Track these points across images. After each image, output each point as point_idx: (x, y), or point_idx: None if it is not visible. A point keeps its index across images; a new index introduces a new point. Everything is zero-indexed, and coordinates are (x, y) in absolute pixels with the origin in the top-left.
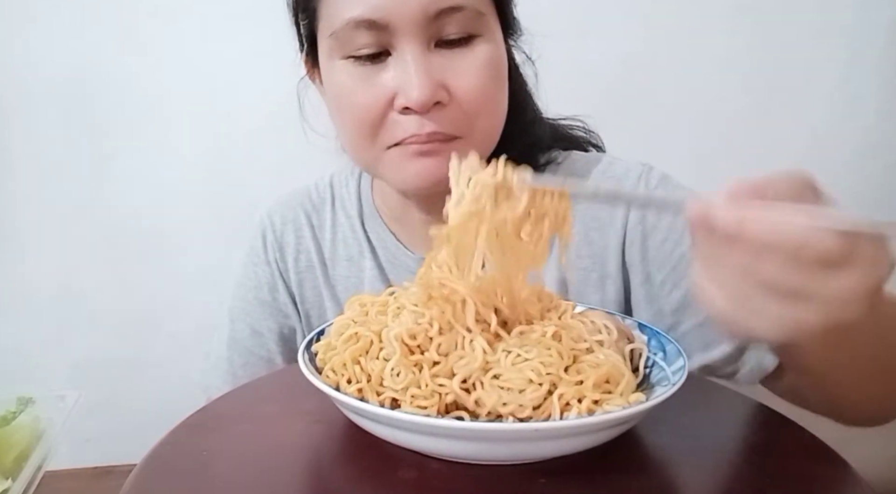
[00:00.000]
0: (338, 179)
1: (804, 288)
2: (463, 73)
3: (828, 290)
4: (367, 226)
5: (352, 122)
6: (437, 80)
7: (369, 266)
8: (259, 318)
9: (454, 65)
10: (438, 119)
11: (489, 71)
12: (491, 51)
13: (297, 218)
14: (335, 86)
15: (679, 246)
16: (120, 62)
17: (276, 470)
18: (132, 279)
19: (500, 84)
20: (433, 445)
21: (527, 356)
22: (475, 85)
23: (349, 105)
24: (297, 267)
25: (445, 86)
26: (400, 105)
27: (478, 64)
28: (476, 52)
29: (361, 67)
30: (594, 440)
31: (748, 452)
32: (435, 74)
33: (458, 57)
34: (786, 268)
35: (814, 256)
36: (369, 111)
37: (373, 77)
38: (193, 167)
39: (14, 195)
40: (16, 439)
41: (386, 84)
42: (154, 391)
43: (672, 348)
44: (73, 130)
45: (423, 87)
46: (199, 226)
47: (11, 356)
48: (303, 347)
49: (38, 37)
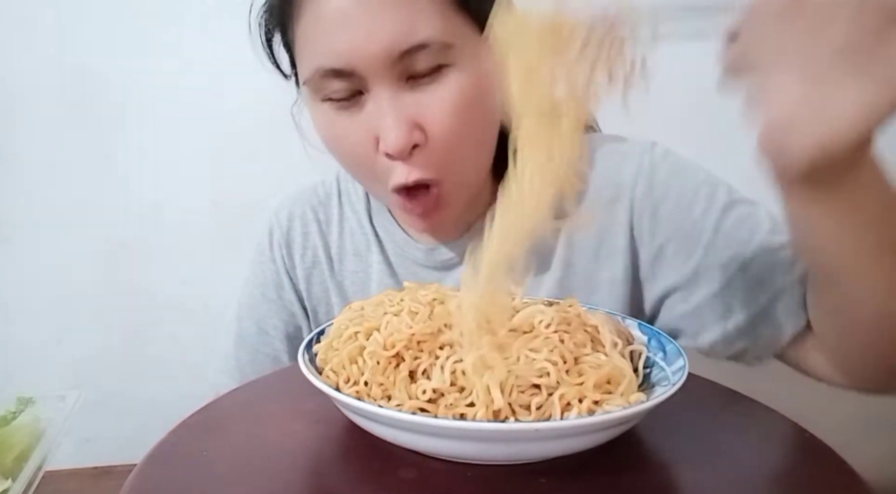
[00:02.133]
0: (344, 175)
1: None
2: (435, 110)
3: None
4: (374, 221)
5: (344, 162)
6: (412, 121)
7: (377, 260)
8: (265, 316)
9: (426, 101)
10: (419, 163)
11: (463, 102)
12: (464, 81)
13: (304, 214)
14: (319, 124)
15: (691, 212)
16: (120, 62)
17: (276, 470)
18: (132, 279)
19: (478, 113)
20: (433, 445)
21: (535, 356)
22: (448, 122)
23: (336, 146)
24: (304, 264)
25: (420, 124)
26: (381, 150)
27: (448, 98)
28: (447, 84)
29: (340, 108)
30: (594, 440)
31: (748, 452)
32: (410, 115)
33: (428, 92)
34: (855, 23)
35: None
36: (357, 155)
37: (354, 119)
38: (193, 167)
39: (14, 195)
40: (16, 439)
41: (366, 127)
42: (154, 391)
43: (672, 348)
44: (73, 130)
45: (399, 134)
46: (199, 225)
47: (11, 356)
48: (303, 347)
49: (39, 37)
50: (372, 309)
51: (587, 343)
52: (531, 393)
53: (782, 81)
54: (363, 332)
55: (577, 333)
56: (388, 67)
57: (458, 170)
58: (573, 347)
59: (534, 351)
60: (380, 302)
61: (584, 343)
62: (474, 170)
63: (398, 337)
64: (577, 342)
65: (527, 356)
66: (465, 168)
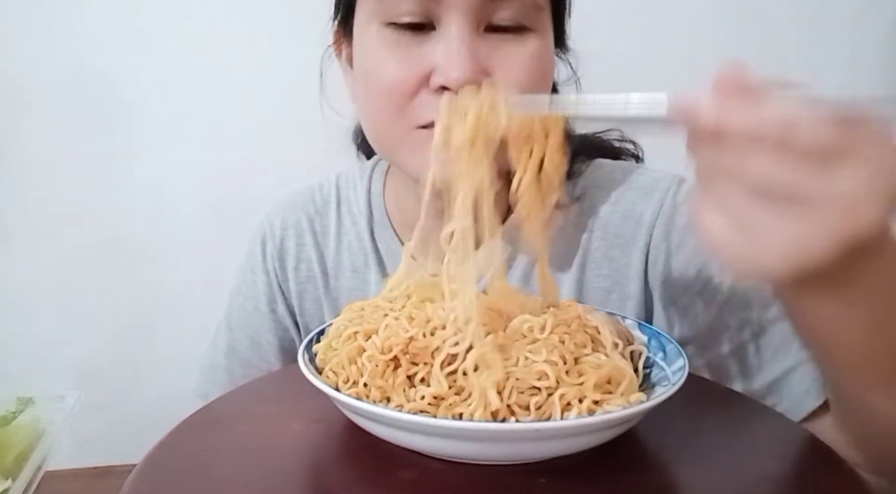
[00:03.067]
0: (344, 180)
1: (799, 186)
2: (509, 63)
3: (827, 190)
4: (376, 235)
5: (378, 95)
6: (481, 65)
7: (375, 278)
8: (259, 330)
9: (502, 53)
10: None
11: (536, 68)
12: (542, 48)
13: (299, 222)
14: (368, 53)
15: (707, 267)
16: (120, 62)
17: (276, 470)
18: (132, 279)
19: (542, 85)
20: (433, 445)
21: (535, 358)
22: (519, 78)
23: (380, 75)
24: (298, 278)
25: (488, 73)
26: (436, 83)
27: (526, 57)
28: (527, 45)
29: (400, 36)
30: (594, 440)
31: (748, 452)
32: (480, 58)
33: (507, 46)
34: (775, 162)
35: (804, 144)
36: (401, 84)
37: (411, 48)
38: (194, 167)
39: (14, 195)
40: (16, 439)
41: (424, 58)
42: (154, 391)
43: (672, 348)
44: (73, 130)
45: (465, 68)
46: (200, 226)
47: (11, 356)
48: (303, 347)
49: (39, 37)
50: (371, 311)
51: (587, 343)
52: (531, 393)
53: (707, 211)
54: (362, 333)
55: (577, 334)
56: (475, 4)
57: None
58: (573, 348)
59: (533, 352)
60: (379, 303)
61: (585, 343)
62: None
63: (395, 341)
64: (578, 342)
65: (526, 357)
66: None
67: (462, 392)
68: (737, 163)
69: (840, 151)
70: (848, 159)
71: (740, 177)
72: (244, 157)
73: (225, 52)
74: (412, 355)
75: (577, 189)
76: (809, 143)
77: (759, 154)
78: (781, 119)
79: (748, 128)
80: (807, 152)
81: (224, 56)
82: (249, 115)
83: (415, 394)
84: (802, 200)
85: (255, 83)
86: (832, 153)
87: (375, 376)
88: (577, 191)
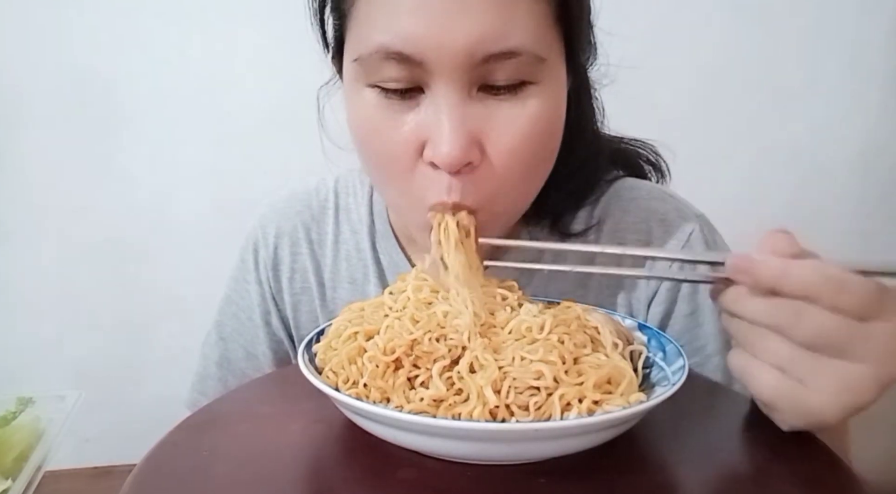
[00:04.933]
0: (343, 186)
1: (849, 339)
2: (504, 131)
3: (870, 341)
4: (378, 246)
5: (379, 167)
6: (473, 136)
7: (375, 292)
8: (253, 341)
9: (496, 118)
10: (465, 184)
11: (536, 130)
12: (544, 105)
13: (294, 230)
14: (359, 117)
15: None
16: (120, 62)
17: (276, 470)
18: (132, 279)
19: (546, 145)
20: (433, 445)
21: (531, 357)
22: (516, 147)
23: (376, 146)
24: (292, 289)
25: (481, 142)
26: (428, 157)
27: (523, 120)
28: (525, 105)
29: (389, 102)
30: (594, 440)
31: (748, 452)
32: (472, 128)
33: (502, 109)
34: (828, 319)
35: (854, 303)
36: (397, 159)
37: (401, 117)
38: (194, 167)
39: (14, 195)
40: (16, 439)
41: (415, 129)
42: (154, 391)
43: (672, 348)
44: (74, 130)
45: (455, 146)
46: (199, 226)
47: (11, 356)
48: (302, 347)
49: (38, 37)
50: (372, 311)
51: (587, 343)
52: (530, 393)
53: (758, 366)
54: (363, 333)
55: (577, 334)
56: (465, 69)
57: (504, 202)
58: (573, 348)
59: (529, 352)
60: (380, 304)
61: (585, 343)
62: (519, 204)
63: (398, 342)
64: (578, 343)
65: (522, 358)
66: (512, 200)
67: (461, 393)
68: (793, 320)
69: (878, 308)
70: (882, 314)
71: (795, 332)
72: (244, 157)
73: (225, 51)
74: (415, 357)
75: (597, 210)
76: (859, 302)
77: (813, 312)
78: (835, 281)
79: (806, 289)
80: (856, 310)
81: (224, 56)
82: (250, 115)
83: (414, 396)
84: (850, 351)
85: (256, 83)
86: (873, 310)
87: (376, 377)
88: (598, 213)
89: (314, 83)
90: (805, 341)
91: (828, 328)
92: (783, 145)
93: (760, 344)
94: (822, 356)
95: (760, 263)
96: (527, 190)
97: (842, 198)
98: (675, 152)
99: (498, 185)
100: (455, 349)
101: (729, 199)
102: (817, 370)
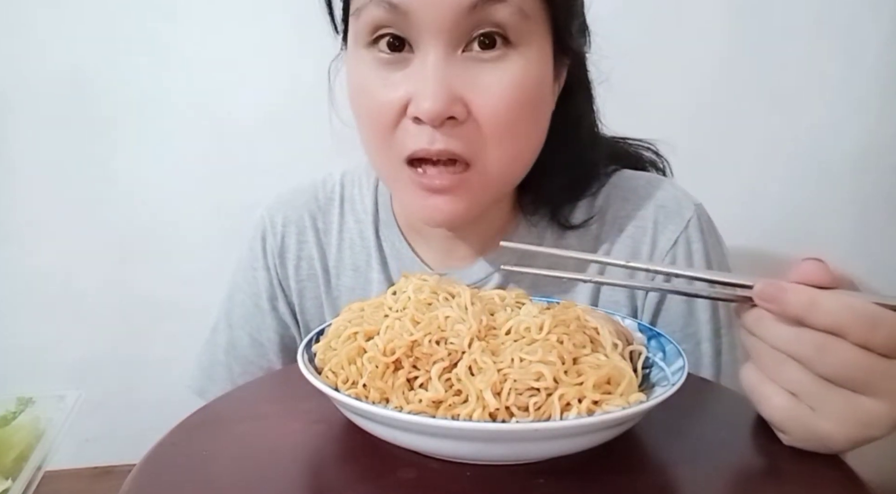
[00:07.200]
0: (349, 178)
1: (871, 375)
2: (486, 90)
3: (889, 379)
4: (381, 233)
5: (366, 123)
6: (455, 93)
7: (377, 278)
8: (259, 327)
9: (479, 78)
10: (451, 136)
11: (517, 92)
12: (524, 69)
13: (301, 219)
14: (356, 77)
15: (694, 314)
16: (120, 62)
17: (276, 470)
18: (132, 279)
19: (530, 109)
20: (432, 445)
21: (530, 358)
22: (496, 105)
23: (366, 102)
24: (298, 276)
25: (464, 100)
26: (411, 113)
27: (505, 82)
28: (507, 66)
29: (381, 62)
30: (594, 440)
31: (748, 452)
32: (454, 85)
33: (485, 70)
34: (855, 355)
35: (887, 339)
36: (382, 114)
37: (391, 75)
38: (194, 167)
39: (14, 194)
40: (16, 439)
41: (400, 87)
42: (154, 391)
43: (672, 348)
44: (74, 130)
45: (437, 99)
46: (200, 225)
47: (11, 356)
48: (302, 347)
49: (38, 37)
50: (372, 311)
51: (587, 344)
52: (530, 393)
53: (771, 388)
54: (362, 334)
55: (576, 334)
56: (450, 23)
57: (495, 159)
58: (572, 348)
59: (528, 353)
60: (379, 304)
61: (584, 344)
62: (513, 167)
63: (398, 343)
64: (577, 343)
65: (522, 359)
66: (504, 160)
67: (460, 394)
68: (816, 354)
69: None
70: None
71: (816, 365)
72: (245, 157)
73: (226, 50)
74: (416, 359)
75: (597, 201)
76: (890, 341)
77: (839, 347)
78: (867, 317)
79: (834, 323)
80: (885, 348)
81: (225, 54)
82: (250, 115)
83: (414, 397)
84: (870, 387)
85: (257, 82)
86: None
87: (375, 377)
88: (599, 203)
89: (314, 83)
90: (826, 374)
91: (852, 364)
92: (783, 145)
93: (777, 368)
94: (840, 388)
95: (789, 292)
96: (516, 152)
97: (842, 198)
98: (675, 152)
99: (483, 139)
100: (455, 353)
101: (729, 199)
102: (832, 400)
